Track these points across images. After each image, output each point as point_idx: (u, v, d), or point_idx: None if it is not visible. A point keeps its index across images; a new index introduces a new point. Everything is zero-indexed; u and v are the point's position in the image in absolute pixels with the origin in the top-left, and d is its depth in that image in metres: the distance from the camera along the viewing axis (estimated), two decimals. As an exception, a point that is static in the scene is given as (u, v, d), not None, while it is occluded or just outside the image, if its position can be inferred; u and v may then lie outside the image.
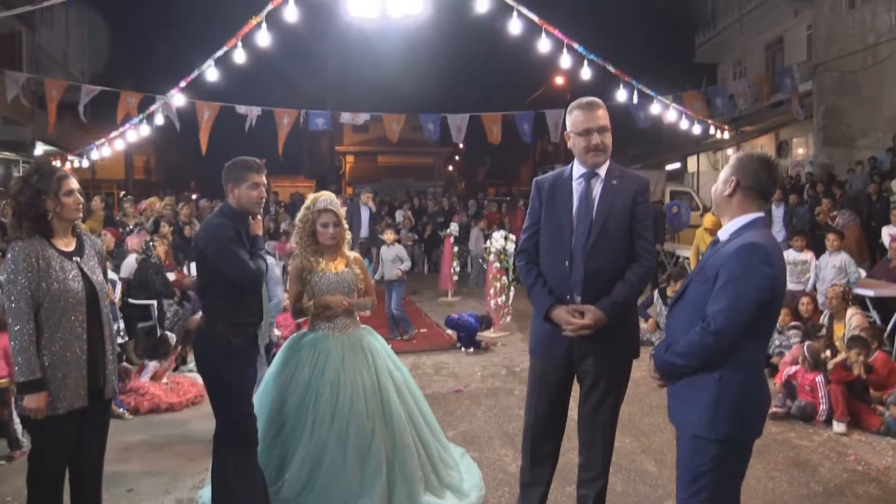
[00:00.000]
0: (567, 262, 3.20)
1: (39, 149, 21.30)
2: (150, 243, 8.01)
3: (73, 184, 3.15)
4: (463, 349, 7.98)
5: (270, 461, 3.70)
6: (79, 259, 3.15)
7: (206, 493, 3.91)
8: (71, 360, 3.03)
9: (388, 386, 3.98)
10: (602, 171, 3.27)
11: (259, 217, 3.67)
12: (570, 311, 3.15)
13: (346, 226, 4.19)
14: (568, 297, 3.20)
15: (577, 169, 3.31)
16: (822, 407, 5.41)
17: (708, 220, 10.26)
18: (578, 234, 3.20)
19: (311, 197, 4.16)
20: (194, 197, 19.30)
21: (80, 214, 3.22)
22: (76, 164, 16.61)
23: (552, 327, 3.23)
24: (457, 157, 48.22)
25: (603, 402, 3.26)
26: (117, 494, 4.22)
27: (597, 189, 3.25)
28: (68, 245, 3.16)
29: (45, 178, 3.08)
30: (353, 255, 4.24)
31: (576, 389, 3.38)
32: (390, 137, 14.93)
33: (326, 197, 4.09)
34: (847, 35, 15.95)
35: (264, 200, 3.69)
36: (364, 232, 11.91)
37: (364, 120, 14.93)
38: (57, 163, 17.50)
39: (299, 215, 4.13)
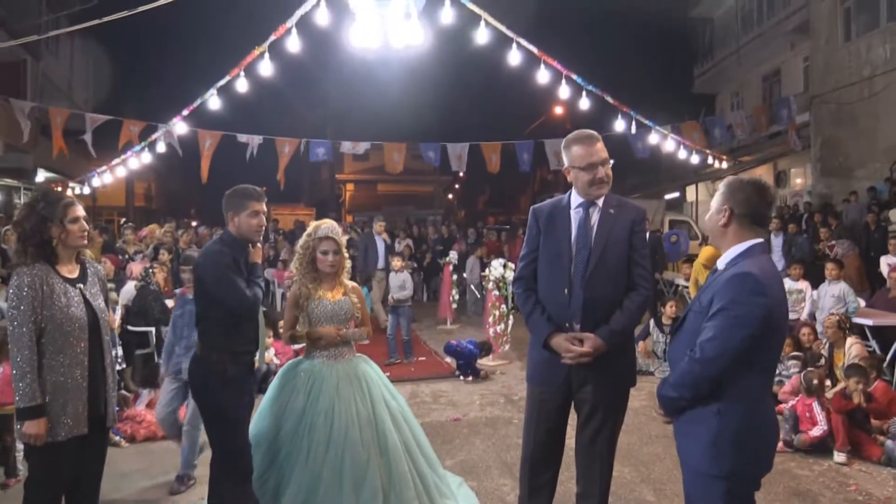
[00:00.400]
0: (566, 290, 3.21)
1: (41, 175, 21.40)
2: (150, 270, 8.02)
3: (79, 211, 3.18)
4: (461, 377, 7.95)
5: (266, 490, 3.67)
6: (82, 286, 3.17)
7: None
8: (72, 386, 3.04)
9: (383, 415, 3.96)
10: (600, 200, 3.30)
11: (259, 245, 3.69)
12: (570, 339, 3.16)
13: (347, 255, 4.19)
14: (567, 324, 3.21)
15: (575, 198, 3.34)
16: (821, 426, 5.38)
17: (703, 254, 10.36)
18: (577, 263, 3.22)
19: (312, 224, 4.19)
20: (194, 224, 19.37)
21: (85, 242, 3.24)
22: (77, 191, 16.68)
23: (550, 355, 3.23)
24: (456, 186, 48.46)
25: (601, 431, 3.26)
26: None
27: (595, 218, 3.28)
28: (72, 272, 3.18)
29: (51, 205, 3.10)
30: (352, 284, 4.24)
31: (573, 418, 3.38)
32: (390, 169, 15.03)
33: (328, 225, 4.11)
34: (843, 67, 16.14)
35: (264, 228, 3.71)
36: (381, 263, 11.38)
37: (365, 149, 14.96)
38: (59, 190, 17.61)
39: (300, 241, 4.15)
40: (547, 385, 3.31)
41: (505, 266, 8.78)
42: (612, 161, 3.33)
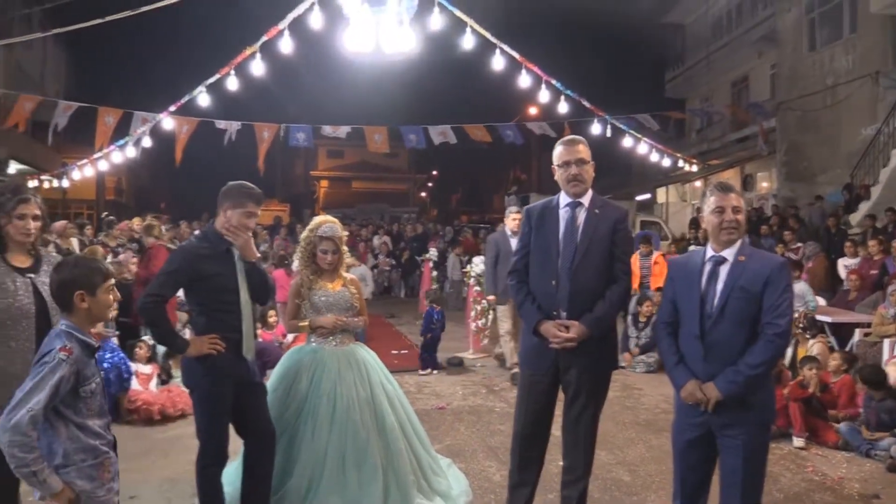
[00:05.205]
0: (554, 282, 3.54)
1: (13, 167, 21.26)
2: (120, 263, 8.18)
3: (29, 209, 3.20)
4: (421, 371, 8.16)
5: (275, 467, 3.91)
6: (32, 276, 3.20)
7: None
8: (13, 374, 2.97)
9: (381, 397, 4.24)
10: (586, 200, 3.63)
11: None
12: (557, 326, 3.48)
13: (346, 250, 4.44)
14: (554, 312, 3.53)
15: (564, 199, 3.68)
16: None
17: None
18: (564, 257, 3.55)
19: (315, 220, 4.42)
20: (164, 217, 19.31)
21: (29, 239, 3.24)
22: (55, 184, 16.65)
23: (539, 341, 3.55)
24: (430, 184, 48.82)
25: (585, 410, 3.58)
26: (121, 500, 4.39)
27: (581, 217, 3.61)
28: (23, 262, 3.23)
29: (5, 197, 3.19)
30: (350, 276, 4.50)
31: (560, 398, 3.70)
32: (373, 150, 14.90)
33: (330, 225, 4.30)
34: (808, 76, 16.75)
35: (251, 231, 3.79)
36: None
37: (346, 133, 14.80)
38: (34, 183, 17.55)
39: (302, 235, 4.40)
40: (536, 368, 3.63)
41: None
42: (591, 163, 3.67)
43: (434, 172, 47.10)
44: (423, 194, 48.27)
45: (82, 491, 2.53)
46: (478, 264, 9.09)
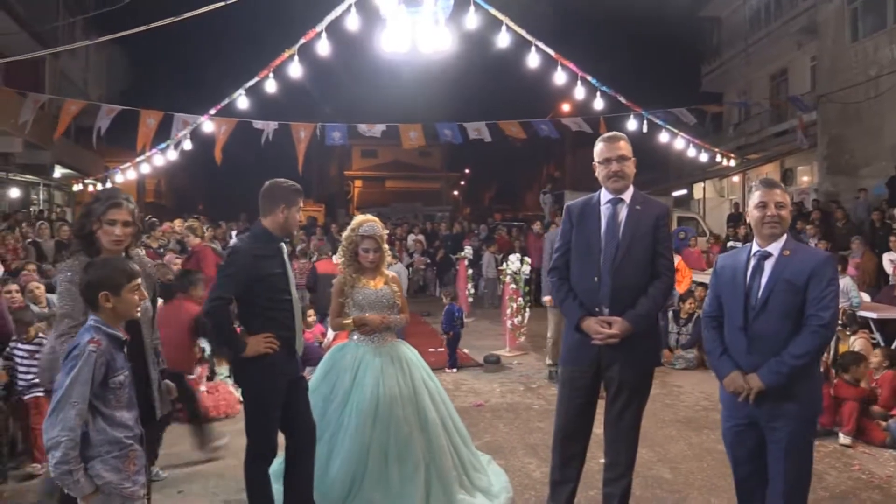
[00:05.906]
0: (596, 278, 3.54)
1: (58, 172, 21.84)
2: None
3: (119, 215, 3.18)
4: (448, 370, 8.18)
5: (317, 460, 3.99)
6: None
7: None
8: None
9: (422, 394, 4.30)
10: (627, 197, 3.63)
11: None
12: (599, 322, 3.49)
13: (387, 248, 4.50)
14: (597, 309, 3.54)
15: (604, 195, 3.68)
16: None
17: None
18: (606, 254, 3.55)
19: (356, 219, 4.48)
20: (200, 219, 19.64)
21: (119, 247, 3.20)
22: (98, 187, 17.07)
23: (581, 337, 3.55)
24: (462, 183, 48.84)
25: (627, 407, 3.58)
26: (168, 495, 4.53)
27: (622, 213, 3.60)
28: None
29: (99, 202, 3.24)
30: (391, 274, 4.56)
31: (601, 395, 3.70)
32: (408, 146, 14.87)
33: (370, 224, 4.38)
34: (850, 67, 16.39)
35: None
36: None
37: (381, 131, 14.81)
38: (78, 186, 18.00)
39: (345, 234, 4.47)
40: (577, 365, 3.64)
41: (521, 261, 9.11)
42: (632, 159, 3.67)
43: (467, 171, 47.15)
44: (456, 193, 48.32)
45: (109, 483, 2.54)
46: (514, 262, 9.10)
